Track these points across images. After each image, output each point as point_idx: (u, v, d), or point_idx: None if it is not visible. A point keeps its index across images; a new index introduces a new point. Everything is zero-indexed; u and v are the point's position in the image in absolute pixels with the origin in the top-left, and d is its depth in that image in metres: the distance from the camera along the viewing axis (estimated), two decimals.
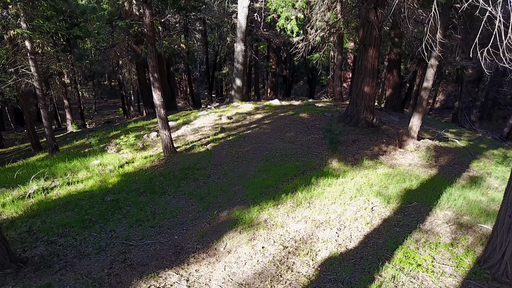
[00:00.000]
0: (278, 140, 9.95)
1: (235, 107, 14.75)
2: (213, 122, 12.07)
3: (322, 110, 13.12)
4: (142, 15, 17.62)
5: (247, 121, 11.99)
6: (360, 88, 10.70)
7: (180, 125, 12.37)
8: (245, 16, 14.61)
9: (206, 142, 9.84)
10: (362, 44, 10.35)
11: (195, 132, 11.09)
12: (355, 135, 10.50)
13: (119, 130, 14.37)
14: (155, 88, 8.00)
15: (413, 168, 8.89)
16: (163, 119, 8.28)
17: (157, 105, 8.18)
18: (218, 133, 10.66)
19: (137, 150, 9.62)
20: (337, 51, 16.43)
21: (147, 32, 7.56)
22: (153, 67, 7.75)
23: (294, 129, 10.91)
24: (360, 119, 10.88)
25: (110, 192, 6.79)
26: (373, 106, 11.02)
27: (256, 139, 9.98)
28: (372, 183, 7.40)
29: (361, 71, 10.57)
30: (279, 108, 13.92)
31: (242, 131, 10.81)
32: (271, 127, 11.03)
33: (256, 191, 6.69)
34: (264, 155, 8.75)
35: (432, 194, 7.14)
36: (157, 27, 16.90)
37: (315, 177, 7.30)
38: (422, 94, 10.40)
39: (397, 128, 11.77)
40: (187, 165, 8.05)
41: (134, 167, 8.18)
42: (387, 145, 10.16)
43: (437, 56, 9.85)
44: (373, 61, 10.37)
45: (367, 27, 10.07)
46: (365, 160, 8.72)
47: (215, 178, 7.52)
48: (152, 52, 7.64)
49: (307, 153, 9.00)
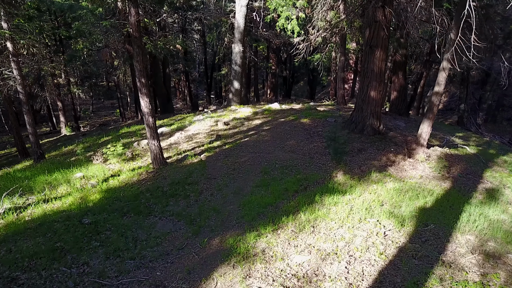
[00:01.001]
0: (278, 149, 9.21)
1: (233, 111, 14.01)
2: (208, 128, 11.33)
3: (324, 115, 12.39)
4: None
5: (245, 127, 11.25)
6: (366, 93, 9.96)
7: (174, 131, 11.63)
8: (244, 15, 13.88)
9: (200, 151, 9.10)
10: (368, 45, 9.61)
11: (189, 140, 10.36)
12: (361, 143, 9.77)
13: (110, 135, 13.63)
14: (142, 94, 7.26)
15: (425, 181, 8.16)
16: (151, 128, 7.55)
17: (145, 113, 7.45)
18: (214, 141, 9.92)
19: (125, 160, 8.89)
20: (340, 52, 15.69)
21: (132, 33, 6.82)
22: (140, 71, 7.01)
23: (295, 136, 10.17)
24: (366, 126, 10.14)
25: (90, 212, 6.05)
26: (380, 112, 10.29)
27: (254, 148, 9.24)
28: (382, 200, 6.67)
29: (367, 74, 9.84)
30: (279, 113, 13.19)
31: (239, 138, 10.08)
32: (270, 134, 10.30)
33: (253, 211, 5.96)
34: (263, 167, 8.01)
35: (449, 214, 6.42)
36: (152, 27, 16.17)
37: (319, 194, 6.56)
38: (433, 100, 9.66)
39: (404, 135, 11.04)
40: (178, 179, 7.31)
41: (119, 181, 7.44)
42: (395, 154, 9.43)
43: (450, 58, 9.12)
44: (380, 64, 9.64)
45: (374, 27, 9.34)
46: (373, 173, 7.99)
47: (208, 194, 6.78)
48: (138, 54, 6.90)
49: (309, 164, 8.27)
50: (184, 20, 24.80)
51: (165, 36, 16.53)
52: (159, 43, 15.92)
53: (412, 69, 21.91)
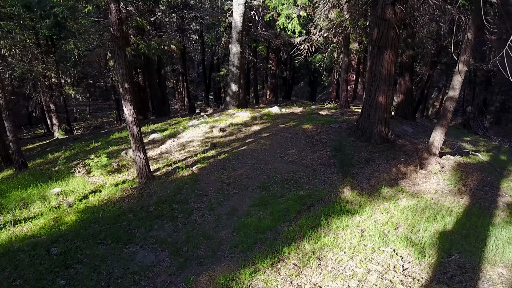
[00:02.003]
0: (278, 160, 8.41)
1: (230, 116, 13.21)
2: (203, 135, 10.53)
3: (327, 120, 11.59)
4: (128, 13, 16.11)
5: (243, 134, 10.45)
6: (373, 97, 9.17)
7: (166, 138, 10.83)
8: (241, 14, 13.08)
9: (192, 162, 8.30)
10: (376, 46, 8.82)
11: (181, 148, 9.56)
12: (369, 153, 8.97)
13: (99, 141, 12.83)
14: (125, 101, 6.46)
15: (441, 196, 7.37)
16: (136, 138, 6.75)
17: (129, 122, 6.65)
18: (208, 149, 9.12)
19: (110, 172, 8.08)
20: (343, 53, 14.90)
21: (113, 32, 6.02)
22: (123, 75, 6.21)
23: (297, 144, 9.37)
24: (373, 133, 9.35)
25: (62, 239, 5.25)
26: (389, 118, 9.50)
27: (252, 158, 8.44)
28: (397, 222, 5.87)
29: (375, 78, 9.04)
30: (279, 118, 12.39)
31: (236, 147, 9.28)
32: (270, 143, 9.50)
33: (249, 238, 5.16)
34: (261, 181, 7.21)
35: (473, 238, 5.63)
36: (146, 27, 15.38)
37: (324, 216, 5.77)
38: (447, 105, 8.87)
39: (414, 142, 10.25)
40: (165, 197, 6.50)
41: (100, 199, 6.63)
42: (406, 165, 8.63)
43: (466, 60, 8.33)
44: (390, 67, 8.84)
45: (382, 26, 8.54)
46: (383, 188, 7.19)
47: (198, 215, 5.98)
48: (120, 57, 6.10)
49: (313, 178, 7.47)
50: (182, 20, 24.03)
51: (159, 36, 15.73)
52: (152, 43, 15.13)
53: (417, 70, 21.13)
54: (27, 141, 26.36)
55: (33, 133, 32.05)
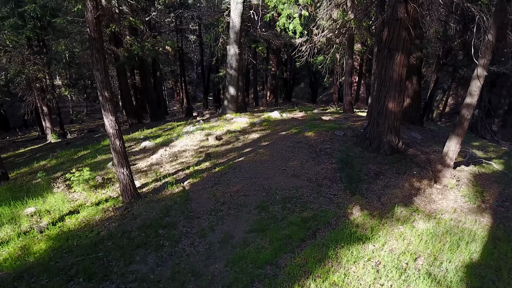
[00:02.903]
0: (278, 173, 7.64)
1: (228, 122, 12.45)
2: (197, 144, 9.76)
3: (331, 127, 10.82)
4: (121, 12, 15.34)
5: (240, 142, 9.68)
6: (383, 104, 8.40)
7: (158, 146, 10.06)
8: (239, 13, 12.31)
9: (183, 176, 7.53)
10: (386, 48, 8.05)
11: (173, 159, 8.79)
12: (378, 165, 8.20)
13: (89, 149, 12.07)
14: (106, 111, 5.69)
15: (460, 216, 6.60)
16: (119, 153, 5.97)
17: (110, 135, 5.87)
18: (202, 161, 8.35)
19: (93, 187, 7.32)
20: (347, 55, 14.12)
21: (89, 33, 5.25)
22: (102, 82, 5.44)
23: (299, 155, 8.60)
24: (382, 143, 8.58)
25: (27, 274, 4.49)
26: (399, 126, 8.72)
27: (250, 172, 7.67)
28: (415, 251, 5.10)
29: (384, 82, 8.27)
30: (280, 124, 11.62)
31: (232, 158, 8.51)
32: (269, 153, 8.73)
33: (245, 275, 4.39)
34: (260, 200, 6.45)
35: (505, 272, 4.86)
36: (139, 27, 14.61)
37: (333, 245, 5.00)
38: (463, 113, 8.10)
39: (426, 152, 9.48)
40: (151, 220, 5.73)
41: (78, 221, 5.86)
42: (419, 179, 7.86)
43: (486, 64, 7.56)
44: (401, 70, 8.07)
45: (394, 26, 7.77)
46: (396, 207, 6.42)
47: (187, 244, 5.21)
48: (99, 61, 5.33)
49: (317, 195, 6.69)
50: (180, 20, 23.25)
51: (154, 37, 14.96)
52: (146, 44, 14.36)
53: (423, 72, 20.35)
54: (20, 144, 25.58)
55: (27, 135, 31.29)
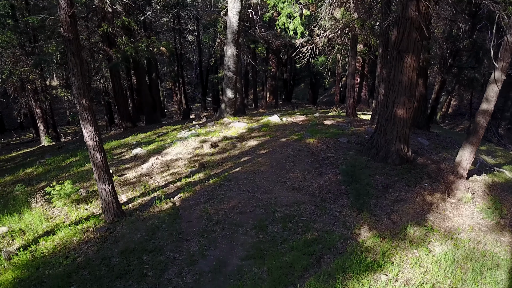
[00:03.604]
0: (278, 186, 7.01)
1: (225, 126, 11.82)
2: (191, 151, 9.13)
3: (334, 132, 10.19)
4: (114, 12, 14.71)
5: (237, 150, 9.05)
6: (391, 110, 7.76)
7: (150, 154, 9.43)
8: (237, 13, 11.67)
9: (174, 190, 6.90)
10: (395, 50, 7.41)
11: (164, 169, 8.15)
12: (386, 176, 7.56)
13: (78, 155, 11.44)
14: (84, 121, 5.05)
15: (478, 235, 5.98)
16: (100, 167, 5.34)
17: (90, 147, 5.24)
18: (195, 172, 7.71)
19: (75, 202, 6.69)
20: (350, 56, 13.51)
21: (63, 34, 4.61)
22: (79, 89, 4.80)
23: (301, 164, 7.97)
24: (390, 152, 7.95)
25: None
26: (409, 134, 8.09)
27: (247, 184, 7.04)
28: (434, 282, 4.47)
29: (393, 87, 7.64)
30: (280, 129, 10.99)
31: (228, 168, 7.87)
32: (268, 162, 8.10)
33: None
34: (258, 218, 5.81)
35: None
36: (133, 26, 13.98)
37: (340, 275, 4.37)
38: (478, 120, 7.49)
39: (436, 161, 8.85)
40: (135, 243, 5.10)
41: (53, 244, 5.23)
42: (431, 192, 7.23)
43: (505, 67, 6.94)
44: (411, 74, 7.44)
45: (404, 26, 7.14)
46: (409, 227, 5.79)
47: (174, 273, 4.57)
48: (75, 65, 4.69)
49: (321, 213, 6.06)
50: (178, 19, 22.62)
51: (148, 37, 14.33)
52: (140, 45, 13.73)
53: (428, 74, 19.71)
54: (13, 147, 24.99)
55: (22, 137, 30.66)
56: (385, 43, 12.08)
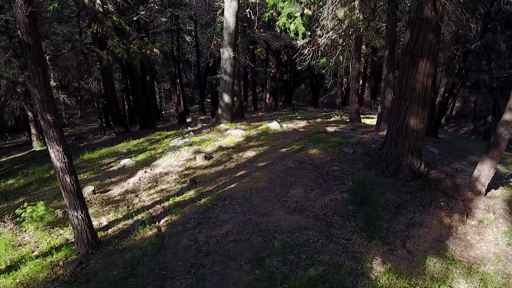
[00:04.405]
0: (278, 206, 6.26)
1: (221, 134, 11.08)
2: (183, 164, 8.38)
3: (338, 142, 9.45)
4: (106, 12, 13.96)
5: (233, 163, 8.30)
6: (403, 121, 7.01)
7: (139, 166, 8.69)
8: (234, 12, 10.92)
9: (161, 211, 6.15)
10: (408, 54, 6.66)
11: (152, 185, 7.41)
12: (397, 194, 6.82)
13: None
14: (50, 139, 4.30)
15: (507, 267, 5.23)
16: (71, 192, 4.59)
17: (58, 169, 4.49)
18: (186, 189, 6.97)
19: (50, 225, 5.94)
20: (354, 58, 12.76)
21: (21, 37, 3.87)
22: (43, 102, 4.06)
23: (303, 179, 7.22)
24: (401, 167, 7.20)
25: None
26: (422, 146, 7.34)
27: (243, 205, 6.29)
28: None
29: (405, 95, 6.89)
30: (280, 138, 10.24)
31: (223, 184, 7.13)
32: (267, 177, 7.35)
33: None
34: (254, 248, 5.07)
35: None
36: (124, 27, 13.23)
37: None
38: (500, 132, 6.74)
39: (449, 174, 8.10)
40: (109, 284, 4.35)
41: (14, 284, 4.48)
42: (448, 213, 6.48)
43: None
44: (426, 81, 6.69)
45: (418, 27, 6.39)
46: (428, 258, 5.04)
47: None
48: (36, 75, 3.94)
49: (327, 240, 5.31)
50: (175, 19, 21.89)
51: (141, 38, 13.59)
52: (132, 46, 12.98)
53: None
54: (5, 151, 24.30)
55: (16, 140, 29.97)
56: (392, 45, 11.33)
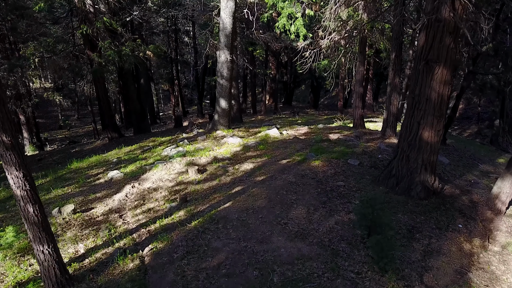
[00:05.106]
0: (277, 231, 5.58)
1: (217, 142, 10.40)
2: (174, 177, 7.70)
3: (342, 152, 8.77)
4: (97, 12, 13.29)
5: (229, 177, 7.62)
6: (416, 133, 6.34)
7: (127, 179, 8.01)
8: (231, 13, 10.24)
9: (146, 237, 5.47)
10: (423, 60, 5.98)
11: (139, 203, 6.73)
12: (410, 215, 6.14)
13: (49, 176, 10.02)
14: (7, 164, 3.65)
15: None
16: (34, 224, 3.92)
17: (19, 198, 3.82)
18: (175, 208, 6.29)
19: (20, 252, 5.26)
20: (358, 61, 12.08)
21: None
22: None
23: (305, 197, 6.55)
24: (414, 184, 6.51)
25: None
26: (436, 161, 6.66)
27: (239, 229, 5.61)
28: None
29: (419, 105, 6.21)
30: (279, 147, 9.56)
31: (216, 203, 6.45)
32: (266, 194, 6.67)
33: None
34: (250, 285, 4.39)
35: None
36: (115, 28, 12.55)
37: None
38: None
39: (464, 188, 7.41)
40: None
41: None
42: (468, 237, 5.81)
43: None
44: (442, 89, 6.01)
45: (434, 30, 5.71)
46: None
47: None
48: None
49: (333, 274, 4.64)
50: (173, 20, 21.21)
51: (134, 40, 12.91)
52: (124, 49, 12.30)
53: None
54: None
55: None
56: (399, 47, 10.67)
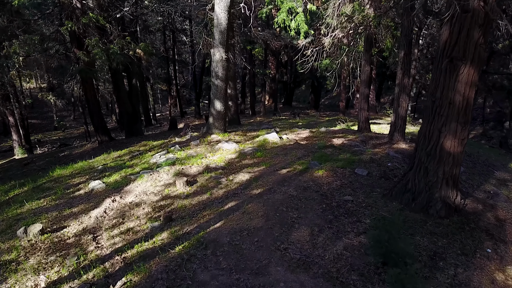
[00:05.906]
0: (276, 258, 4.73)
1: (211, 148, 9.56)
2: (160, 190, 6.86)
3: (348, 159, 7.94)
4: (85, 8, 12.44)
5: (221, 190, 6.77)
6: (436, 142, 5.49)
7: (108, 191, 7.16)
8: (226, 8, 9.39)
9: (120, 266, 4.62)
10: (446, 57, 5.14)
11: (118, 221, 5.88)
12: (430, 237, 5.29)
13: (27, 185, 9.18)
14: None
15: None
16: None
17: None
18: (158, 229, 5.45)
19: None
20: (364, 60, 11.23)
21: None
22: None
23: (308, 215, 5.70)
24: (433, 199, 5.67)
25: None
26: (459, 174, 5.81)
27: (230, 256, 4.76)
28: None
29: (440, 110, 5.37)
30: (279, 154, 8.72)
31: (205, 222, 5.60)
32: (263, 211, 5.82)
33: None
34: None
35: None
36: (103, 24, 11.69)
37: None
38: None
39: (486, 203, 6.58)
40: None
41: None
42: (500, 265, 4.96)
43: None
44: (468, 92, 5.17)
45: (460, 23, 4.87)
46: None
47: None
48: None
49: None
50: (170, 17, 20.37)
51: (123, 37, 12.06)
52: (112, 47, 11.45)
53: None
54: None
55: (3, 145, 28.64)
56: (408, 45, 9.84)
